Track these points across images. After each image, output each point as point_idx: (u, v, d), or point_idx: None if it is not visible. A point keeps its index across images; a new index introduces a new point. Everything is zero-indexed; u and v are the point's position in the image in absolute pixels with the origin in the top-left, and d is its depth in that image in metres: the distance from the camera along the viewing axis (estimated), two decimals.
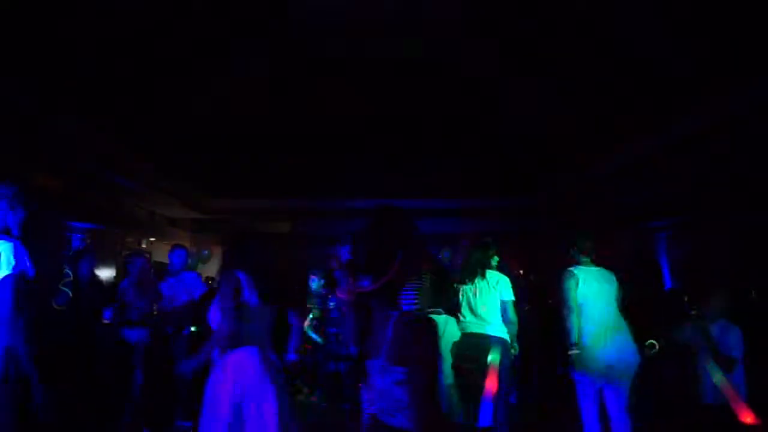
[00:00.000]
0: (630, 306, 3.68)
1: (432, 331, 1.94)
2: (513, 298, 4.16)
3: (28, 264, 2.48)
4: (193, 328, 4.49)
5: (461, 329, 4.20)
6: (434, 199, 9.60)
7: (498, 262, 4.35)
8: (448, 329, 4.23)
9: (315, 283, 5.41)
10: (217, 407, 2.45)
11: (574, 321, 3.56)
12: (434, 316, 3.88)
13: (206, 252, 10.47)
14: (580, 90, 5.07)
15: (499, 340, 4.08)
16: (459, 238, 5.06)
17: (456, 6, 3.82)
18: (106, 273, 8.00)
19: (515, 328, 4.13)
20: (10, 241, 2.48)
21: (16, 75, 4.51)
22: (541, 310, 5.78)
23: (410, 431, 1.77)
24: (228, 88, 5.15)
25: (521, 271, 7.24)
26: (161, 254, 8.80)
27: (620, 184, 7.45)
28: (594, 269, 3.76)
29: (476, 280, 4.22)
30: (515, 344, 4.17)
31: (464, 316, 4.21)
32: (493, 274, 4.21)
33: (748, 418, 3.12)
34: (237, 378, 2.49)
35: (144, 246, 9.53)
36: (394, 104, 5.59)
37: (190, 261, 9.90)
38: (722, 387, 3.33)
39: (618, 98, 5.14)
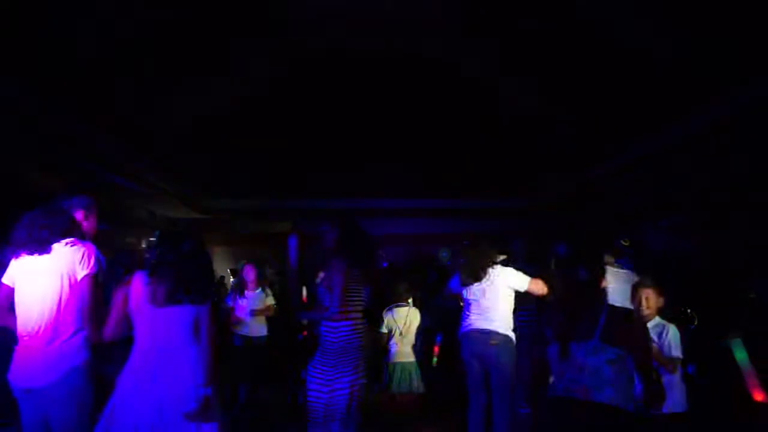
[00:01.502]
0: None
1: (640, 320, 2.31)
2: (526, 287, 4.16)
3: (103, 265, 2.83)
4: None
5: (467, 326, 4.18)
6: (434, 200, 9.61)
7: (508, 260, 4.34)
8: None
9: None
10: None
11: None
12: None
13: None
14: (580, 90, 5.07)
15: (507, 339, 4.09)
16: (459, 238, 5.07)
17: (456, 6, 3.83)
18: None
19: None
20: (86, 244, 2.82)
21: (16, 75, 4.51)
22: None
23: (616, 403, 2.00)
24: (228, 87, 5.15)
25: None
26: None
27: (620, 184, 7.45)
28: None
29: (482, 279, 4.20)
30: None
31: (471, 314, 4.19)
32: (500, 271, 4.20)
33: (760, 396, 3.12)
34: None
35: (144, 246, 9.53)
36: (394, 104, 5.59)
37: None
38: (744, 368, 3.28)
39: (618, 98, 5.15)
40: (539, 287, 4.08)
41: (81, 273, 2.72)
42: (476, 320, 4.16)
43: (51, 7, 3.69)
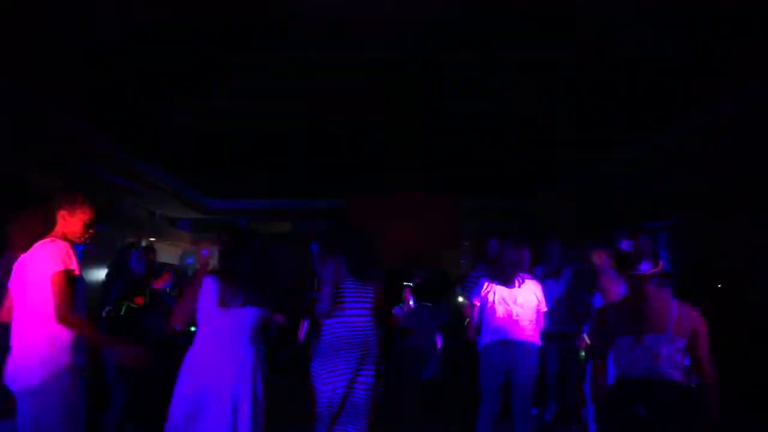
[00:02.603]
0: None
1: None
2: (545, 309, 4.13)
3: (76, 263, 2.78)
4: None
5: (500, 333, 4.06)
6: (434, 200, 9.60)
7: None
8: None
9: None
10: None
11: None
12: None
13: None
14: (580, 90, 5.07)
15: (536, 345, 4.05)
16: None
17: (456, 6, 3.83)
18: (105, 273, 7.98)
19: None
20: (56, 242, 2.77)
21: (16, 75, 4.51)
22: None
23: (680, 381, 2.49)
24: (228, 87, 5.15)
25: None
26: (161, 254, 8.79)
27: (620, 184, 7.45)
28: None
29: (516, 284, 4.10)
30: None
31: (497, 320, 4.07)
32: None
33: None
34: None
35: (144, 245, 9.52)
36: (394, 104, 5.59)
37: (191, 261, 9.88)
38: None
39: (618, 98, 5.14)
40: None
41: (50, 271, 2.61)
42: (509, 326, 4.02)
43: (51, 6, 3.69)
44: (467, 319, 4.67)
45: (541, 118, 5.85)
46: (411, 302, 6.11)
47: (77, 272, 2.75)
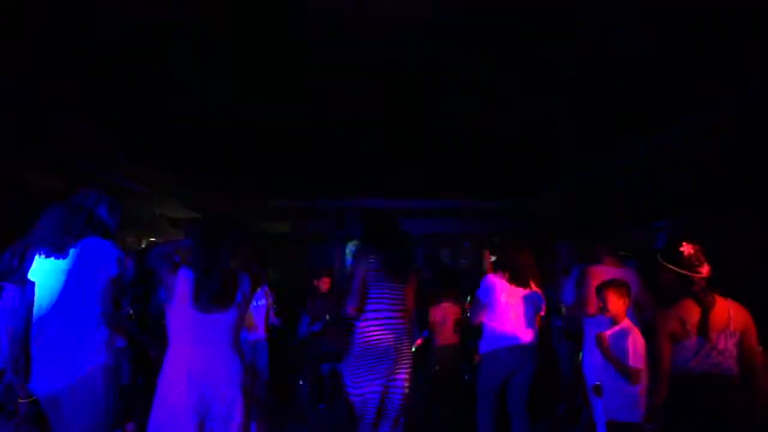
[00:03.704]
0: None
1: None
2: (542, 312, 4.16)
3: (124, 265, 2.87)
4: None
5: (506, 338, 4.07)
6: (434, 200, 9.61)
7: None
8: None
9: None
10: None
11: None
12: None
13: None
14: (580, 90, 5.07)
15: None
16: (459, 238, 5.06)
17: (456, 6, 3.82)
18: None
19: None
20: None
21: (16, 75, 4.51)
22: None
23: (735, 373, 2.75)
24: (228, 87, 5.14)
25: None
26: None
27: (620, 184, 7.45)
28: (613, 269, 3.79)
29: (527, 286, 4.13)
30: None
31: (507, 323, 4.08)
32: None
33: None
34: None
35: (144, 246, 9.52)
36: (394, 104, 5.58)
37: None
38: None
39: (618, 98, 5.14)
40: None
41: (99, 273, 2.62)
42: (516, 330, 4.04)
43: (51, 6, 3.68)
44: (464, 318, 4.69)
45: (541, 118, 5.85)
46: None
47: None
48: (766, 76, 4.31)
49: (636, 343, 3.35)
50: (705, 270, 2.85)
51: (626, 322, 3.45)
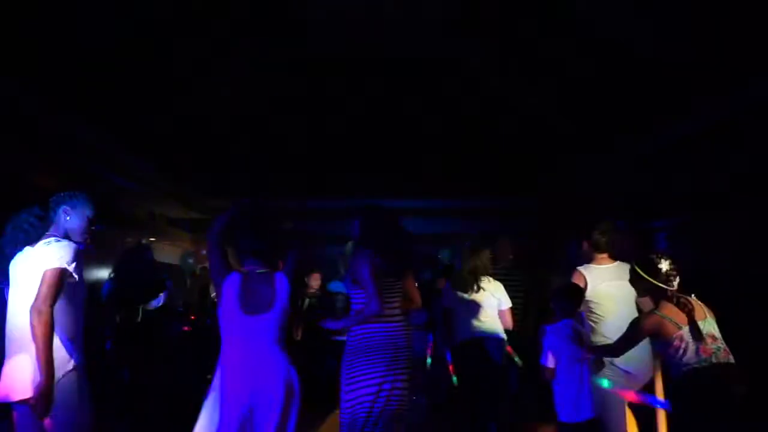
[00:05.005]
0: None
1: None
2: (510, 305, 4.19)
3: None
4: None
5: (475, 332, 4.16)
6: (434, 200, 9.60)
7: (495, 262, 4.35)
8: None
9: None
10: None
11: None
12: None
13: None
14: (580, 90, 5.07)
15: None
16: (459, 238, 5.06)
17: (456, 6, 3.83)
18: (105, 273, 7.98)
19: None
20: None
21: (16, 75, 4.51)
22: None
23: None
24: (228, 87, 5.15)
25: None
26: (161, 254, 8.79)
27: (620, 185, 7.46)
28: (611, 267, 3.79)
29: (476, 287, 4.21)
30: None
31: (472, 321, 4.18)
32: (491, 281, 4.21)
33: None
34: None
35: (141, 245, 9.50)
36: (394, 104, 5.59)
37: (190, 261, 9.86)
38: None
39: (618, 98, 5.14)
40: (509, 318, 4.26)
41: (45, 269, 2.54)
42: (479, 325, 4.16)
43: (51, 6, 3.69)
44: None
45: (541, 118, 5.86)
46: None
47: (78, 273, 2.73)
48: (766, 76, 4.31)
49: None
50: (677, 283, 3.03)
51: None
